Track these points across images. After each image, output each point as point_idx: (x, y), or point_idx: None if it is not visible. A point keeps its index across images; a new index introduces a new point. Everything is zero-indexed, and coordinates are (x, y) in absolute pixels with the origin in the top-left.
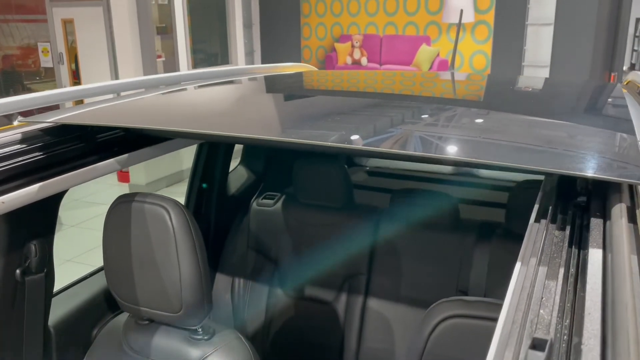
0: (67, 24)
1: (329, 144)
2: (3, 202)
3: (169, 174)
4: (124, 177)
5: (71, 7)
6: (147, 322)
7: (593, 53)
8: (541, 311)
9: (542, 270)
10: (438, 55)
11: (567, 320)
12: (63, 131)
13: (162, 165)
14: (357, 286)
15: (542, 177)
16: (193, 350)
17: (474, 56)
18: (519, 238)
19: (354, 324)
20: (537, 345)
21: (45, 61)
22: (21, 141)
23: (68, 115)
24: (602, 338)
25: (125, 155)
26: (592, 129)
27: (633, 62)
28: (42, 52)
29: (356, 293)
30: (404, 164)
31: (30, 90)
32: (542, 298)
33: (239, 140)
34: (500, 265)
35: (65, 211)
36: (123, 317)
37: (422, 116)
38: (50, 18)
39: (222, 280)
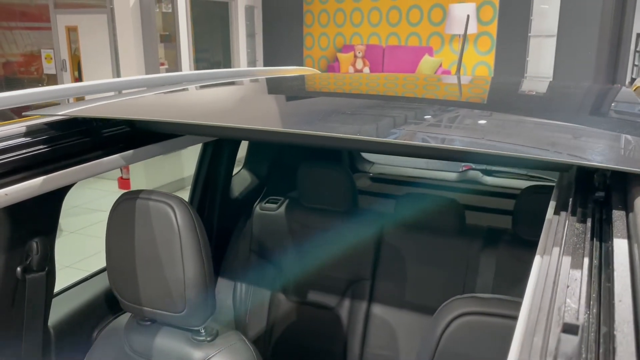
0: (71, 31)
1: (346, 135)
2: (6, 194)
3: (170, 182)
4: (124, 184)
5: (75, 14)
6: (149, 322)
7: (595, 66)
8: (568, 300)
9: (566, 259)
10: (441, 65)
11: (595, 309)
12: (69, 125)
13: (163, 173)
14: (361, 291)
15: (549, 183)
16: (195, 351)
17: (477, 67)
18: (527, 244)
19: (358, 329)
20: (568, 330)
21: (48, 68)
22: (26, 134)
23: (78, 109)
24: (635, 324)
25: (131, 152)
26: (609, 124)
27: (634, 77)
28: (45, 58)
29: (360, 298)
30: (409, 170)
31: None
32: (567, 287)
33: (251, 134)
34: (508, 271)
35: (65, 218)
36: (124, 319)
37: (437, 111)
38: (54, 25)
39: (224, 285)
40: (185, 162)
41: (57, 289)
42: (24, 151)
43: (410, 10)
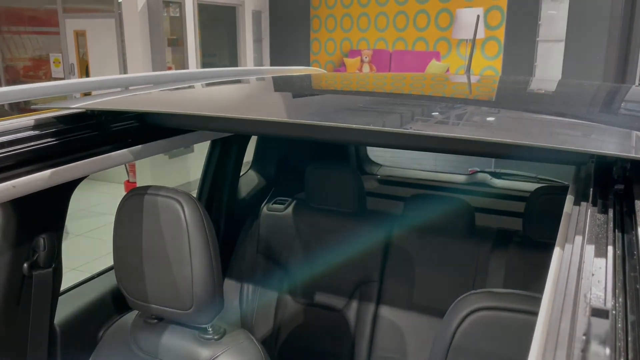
0: (80, 36)
1: (362, 126)
2: (14, 186)
3: (176, 185)
4: (131, 188)
5: (84, 18)
6: (155, 320)
7: (604, 71)
8: (593, 287)
9: (589, 248)
10: (448, 70)
11: (621, 298)
12: (78, 119)
13: (169, 178)
14: (369, 293)
15: (558, 184)
16: (203, 350)
17: (484, 72)
18: (537, 246)
19: (365, 332)
20: (598, 314)
21: (56, 72)
22: (35, 127)
23: (87, 103)
24: None
25: (139, 147)
26: (627, 118)
27: None
28: (54, 62)
29: (368, 300)
30: (417, 173)
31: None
32: (592, 275)
33: (265, 127)
34: (518, 273)
35: (71, 221)
36: (131, 317)
37: (451, 105)
38: (62, 29)
39: (230, 286)
40: (191, 167)
41: (63, 287)
42: (32, 144)
43: (417, 15)
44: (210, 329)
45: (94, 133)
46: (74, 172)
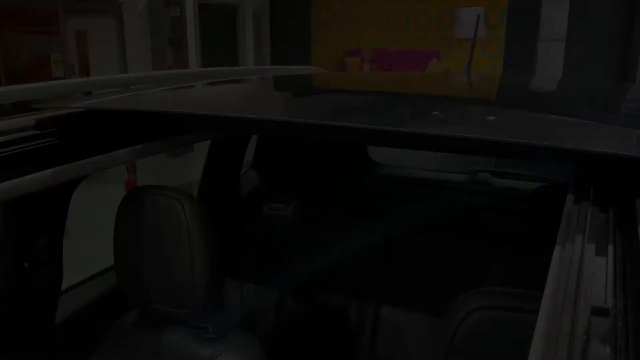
0: (80, 36)
1: (364, 125)
2: (14, 186)
3: (177, 185)
4: (131, 187)
5: (84, 18)
6: (156, 320)
7: (605, 70)
8: (594, 287)
9: (590, 247)
10: (449, 69)
11: (622, 297)
12: (78, 118)
13: (170, 177)
14: (370, 293)
15: (559, 183)
16: (203, 349)
17: (485, 71)
18: (538, 245)
19: (366, 331)
20: (598, 312)
21: (57, 72)
22: (36, 126)
23: (88, 102)
24: None
25: (139, 147)
26: (631, 116)
27: None
28: (54, 62)
29: (368, 300)
30: (418, 172)
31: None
32: (593, 274)
33: (273, 126)
34: (519, 273)
35: (72, 220)
36: (132, 316)
37: (454, 104)
38: (63, 29)
39: (231, 286)
40: (192, 167)
41: (63, 287)
42: (33, 143)
43: (418, 15)
44: (210, 329)
45: (94, 133)
46: (74, 172)
